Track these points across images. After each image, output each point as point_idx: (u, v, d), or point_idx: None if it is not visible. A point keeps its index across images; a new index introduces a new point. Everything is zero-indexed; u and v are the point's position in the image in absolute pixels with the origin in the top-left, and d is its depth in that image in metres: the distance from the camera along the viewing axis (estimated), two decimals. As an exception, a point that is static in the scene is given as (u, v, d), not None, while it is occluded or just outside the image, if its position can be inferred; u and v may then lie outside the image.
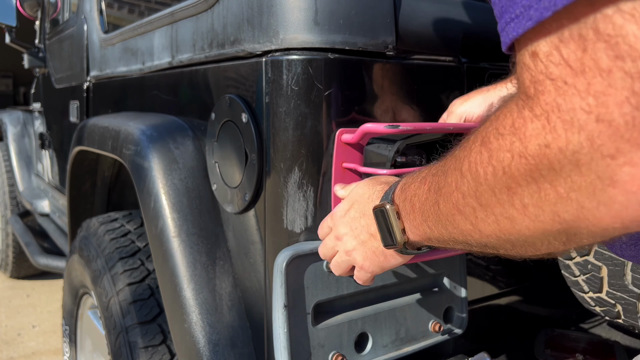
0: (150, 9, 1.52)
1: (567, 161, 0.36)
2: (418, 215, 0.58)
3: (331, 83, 0.85)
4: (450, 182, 0.49)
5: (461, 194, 0.47)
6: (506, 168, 0.41)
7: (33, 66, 2.94)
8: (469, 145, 0.47)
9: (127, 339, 1.23)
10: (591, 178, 0.35)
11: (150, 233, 1.13)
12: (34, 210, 3.07)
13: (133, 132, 1.26)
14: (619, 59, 0.32)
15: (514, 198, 0.41)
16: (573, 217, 0.38)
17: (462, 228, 0.49)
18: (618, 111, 0.33)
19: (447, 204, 0.50)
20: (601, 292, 1.08)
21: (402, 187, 0.62)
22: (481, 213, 0.46)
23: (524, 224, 0.42)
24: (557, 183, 0.38)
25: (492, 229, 0.45)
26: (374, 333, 0.93)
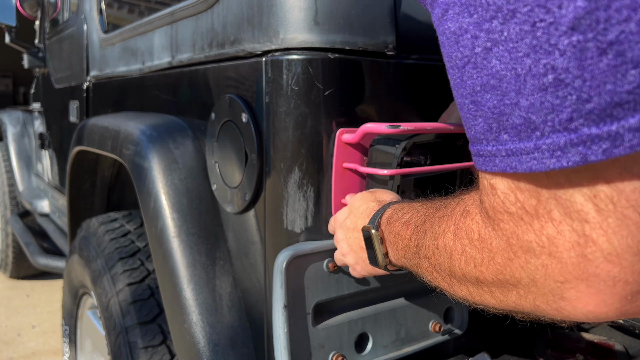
0: (150, 8, 1.51)
1: (526, 276, 0.41)
2: (400, 252, 0.63)
3: (331, 83, 0.85)
4: (427, 247, 0.54)
5: (438, 264, 0.53)
6: (477, 265, 0.46)
7: (33, 66, 2.94)
8: (444, 223, 0.51)
9: (127, 339, 1.23)
10: (545, 291, 0.40)
11: (150, 233, 1.13)
12: (33, 210, 3.07)
13: (133, 132, 1.26)
14: (567, 216, 0.37)
15: (482, 286, 0.47)
16: (531, 310, 0.44)
17: (438, 283, 0.55)
18: (566, 254, 0.37)
19: (426, 262, 0.56)
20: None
21: (388, 220, 0.67)
22: (456, 283, 0.51)
23: (491, 302, 0.48)
24: (519, 287, 0.43)
25: (464, 294, 0.51)
26: (374, 333, 0.93)
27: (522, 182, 0.39)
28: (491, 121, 0.39)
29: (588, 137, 0.34)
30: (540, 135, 0.36)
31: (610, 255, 0.36)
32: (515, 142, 0.38)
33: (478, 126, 0.40)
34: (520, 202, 0.39)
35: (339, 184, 0.87)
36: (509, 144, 0.38)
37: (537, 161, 0.36)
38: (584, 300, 0.38)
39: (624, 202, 0.35)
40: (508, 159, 0.38)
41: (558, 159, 0.35)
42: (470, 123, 0.41)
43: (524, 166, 0.37)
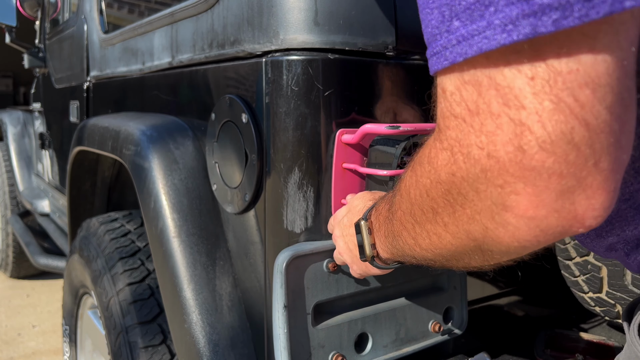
0: (151, 9, 1.52)
1: (470, 188, 0.42)
2: (382, 231, 0.65)
3: (331, 83, 0.85)
4: (396, 201, 0.57)
5: (402, 212, 0.55)
6: (428, 191, 0.48)
7: (33, 66, 2.94)
8: (407, 169, 0.54)
9: (127, 339, 1.23)
10: (488, 203, 0.41)
11: (150, 233, 1.13)
12: (34, 210, 3.07)
13: (133, 132, 1.26)
14: (505, 105, 0.38)
15: (437, 217, 0.48)
16: (481, 236, 0.44)
17: (408, 242, 0.57)
18: (503, 150, 0.38)
19: (396, 221, 0.58)
20: (601, 292, 1.08)
21: (377, 206, 0.68)
22: (417, 229, 0.53)
23: (447, 239, 0.49)
24: (465, 206, 0.44)
25: (427, 243, 0.53)
26: (374, 333, 0.93)
27: (466, 74, 0.40)
28: (444, 9, 0.40)
29: (540, 7, 0.35)
30: (494, 11, 0.37)
31: (544, 143, 0.37)
32: (467, 26, 0.39)
33: (433, 20, 0.42)
34: (464, 100, 0.41)
35: (339, 184, 0.87)
36: (460, 30, 0.39)
37: (487, 40, 0.38)
38: (523, 204, 0.39)
39: (560, 84, 0.36)
40: (458, 47, 0.40)
41: (509, 33, 0.36)
42: (427, 20, 0.43)
43: (474, 48, 0.38)
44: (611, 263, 1.03)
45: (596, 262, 1.05)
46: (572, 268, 1.11)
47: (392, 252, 0.64)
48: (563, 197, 0.39)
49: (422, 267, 0.98)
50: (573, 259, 1.09)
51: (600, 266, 1.05)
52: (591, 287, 1.09)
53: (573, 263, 1.10)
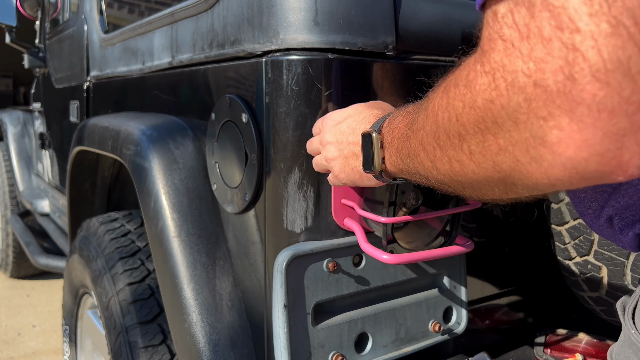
0: (150, 9, 1.52)
1: (508, 117, 0.40)
2: (395, 146, 0.62)
3: (331, 83, 0.85)
4: (419, 120, 0.54)
5: (425, 133, 0.52)
6: (459, 116, 0.45)
7: (33, 66, 2.94)
8: (437, 89, 0.51)
9: (127, 339, 1.23)
10: (526, 136, 0.39)
11: (150, 233, 1.13)
12: (34, 210, 3.07)
13: (133, 132, 1.26)
14: (558, 29, 0.35)
15: (463, 144, 0.46)
16: (509, 169, 0.42)
17: (424, 164, 0.54)
18: (552, 78, 0.36)
19: (415, 140, 0.55)
20: (601, 292, 1.08)
21: (391, 119, 0.65)
22: (439, 153, 0.50)
23: (470, 168, 0.46)
24: (499, 136, 0.41)
25: (446, 168, 0.50)
26: (374, 333, 0.93)
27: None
28: None
29: None
30: None
31: (598, 71, 0.34)
32: None
33: None
34: (515, 22, 0.38)
35: None
36: None
37: None
38: (565, 142, 0.37)
39: (619, 4, 0.33)
40: None
41: None
42: None
43: None
44: (611, 263, 1.03)
45: (596, 262, 1.05)
46: (572, 268, 1.11)
47: (402, 168, 0.61)
48: (610, 138, 0.35)
49: (422, 267, 0.98)
50: (573, 258, 1.09)
51: (600, 266, 1.05)
52: (591, 287, 1.09)
53: (573, 263, 1.10)
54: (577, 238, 1.06)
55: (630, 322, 0.58)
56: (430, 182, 0.57)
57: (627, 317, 0.59)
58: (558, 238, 1.11)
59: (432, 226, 0.91)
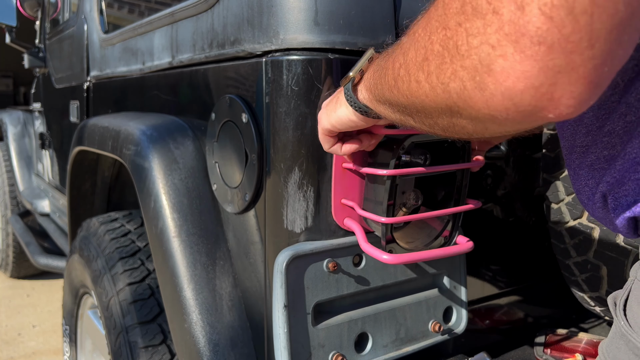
0: (151, 9, 1.52)
1: (466, 42, 0.42)
2: (377, 65, 0.64)
3: (331, 83, 0.85)
4: (402, 40, 0.56)
5: (400, 49, 0.55)
6: (431, 34, 0.47)
7: (33, 66, 2.95)
8: (424, 12, 0.53)
9: (127, 339, 1.23)
10: (475, 62, 0.41)
11: (150, 233, 1.13)
12: (34, 210, 3.07)
13: (133, 132, 1.26)
14: None
15: (425, 63, 0.48)
16: (456, 95, 0.45)
17: (389, 82, 0.57)
18: (507, 7, 0.38)
19: (390, 57, 0.58)
20: (600, 291, 1.08)
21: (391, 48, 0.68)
22: (403, 70, 0.53)
23: (424, 89, 0.49)
24: (455, 60, 0.44)
25: (405, 87, 0.53)
26: (374, 333, 0.93)
27: None
28: None
29: None
30: None
31: (545, 5, 0.36)
32: None
33: None
34: None
35: (339, 184, 0.87)
36: None
37: None
38: (506, 71, 0.39)
39: None
40: None
41: None
42: None
43: None
44: (611, 262, 1.03)
45: (596, 261, 1.05)
46: (572, 268, 1.11)
47: (372, 89, 0.64)
48: (546, 73, 0.38)
49: (422, 267, 0.98)
50: (573, 258, 1.09)
51: (600, 266, 1.05)
52: (591, 287, 1.10)
53: (573, 262, 1.10)
54: (577, 238, 1.07)
55: (621, 314, 0.59)
56: (391, 106, 0.59)
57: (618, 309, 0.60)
58: (558, 238, 1.11)
59: (432, 226, 0.91)
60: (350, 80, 0.68)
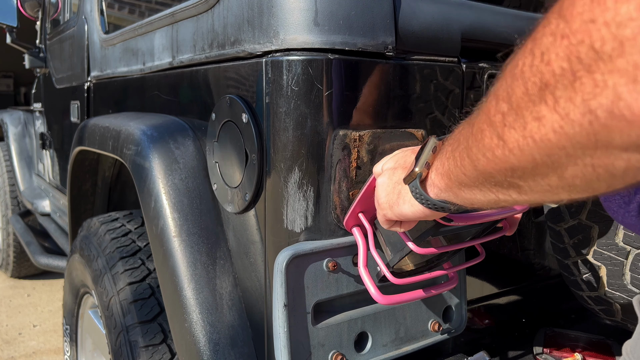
0: (151, 9, 1.52)
1: (611, 37, 0.32)
2: (453, 146, 0.53)
3: (331, 83, 0.85)
4: (489, 98, 0.45)
5: (495, 99, 0.43)
6: (545, 53, 0.37)
7: (34, 66, 2.95)
8: (512, 59, 0.43)
9: (127, 338, 1.23)
10: (635, 58, 0.31)
11: (150, 233, 1.13)
12: (34, 209, 3.07)
13: (134, 132, 1.27)
14: None
15: (545, 92, 0.37)
16: (607, 112, 0.33)
17: (486, 143, 0.44)
18: None
19: (479, 118, 0.46)
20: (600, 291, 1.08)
21: (464, 122, 0.57)
22: (510, 117, 0.41)
23: (552, 123, 0.37)
24: (595, 68, 0.33)
25: (518, 136, 0.40)
26: (374, 332, 0.93)
27: None
28: None
29: None
30: None
31: None
32: None
33: None
34: None
35: (365, 198, 0.82)
36: None
37: None
38: None
39: None
40: None
41: None
42: None
43: None
44: (610, 262, 1.03)
45: (595, 261, 1.06)
46: (572, 268, 1.11)
47: (450, 174, 0.53)
48: None
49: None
50: (572, 258, 1.10)
51: (599, 266, 1.05)
52: (590, 287, 1.10)
53: (572, 262, 1.10)
54: (576, 237, 1.07)
55: None
56: (484, 184, 0.48)
57: None
58: (557, 238, 1.11)
59: None
60: (416, 176, 0.59)
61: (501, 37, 1.09)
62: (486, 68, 1.07)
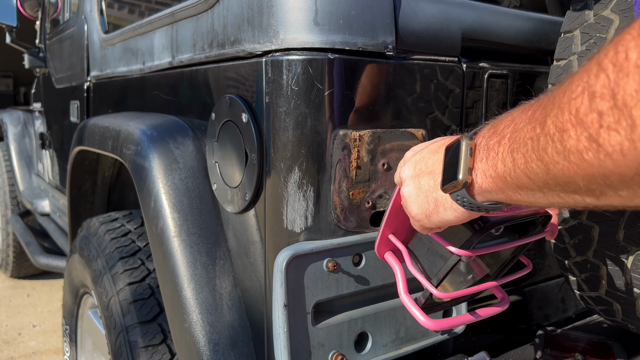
0: (151, 9, 1.52)
1: None
2: (505, 146, 0.47)
3: (331, 83, 0.85)
4: (574, 94, 0.38)
5: (588, 96, 0.37)
6: None
7: (33, 66, 2.95)
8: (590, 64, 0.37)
9: (127, 339, 1.23)
10: None
11: (150, 233, 1.13)
12: (34, 210, 3.07)
13: (133, 132, 1.26)
14: None
15: (617, 103, 0.33)
16: None
17: (571, 145, 0.38)
18: None
19: (556, 116, 0.40)
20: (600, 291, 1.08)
21: (493, 124, 0.53)
22: (611, 117, 0.35)
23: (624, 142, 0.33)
24: None
25: (622, 139, 0.35)
26: (374, 332, 0.93)
27: None
28: None
29: None
30: None
31: None
32: None
33: None
34: None
35: (393, 218, 0.77)
36: None
37: None
38: None
39: None
40: None
41: None
42: None
43: None
44: (611, 262, 1.03)
45: (596, 261, 1.05)
46: (572, 268, 1.11)
47: (508, 175, 0.47)
48: None
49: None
50: (572, 258, 1.09)
51: (599, 265, 1.05)
52: (590, 287, 1.10)
53: (572, 262, 1.10)
54: (577, 237, 1.07)
55: None
56: (549, 183, 0.42)
57: None
58: (557, 238, 1.11)
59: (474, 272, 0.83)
60: (462, 185, 0.54)
61: (502, 37, 1.09)
62: (486, 68, 1.07)
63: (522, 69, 1.14)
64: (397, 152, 0.93)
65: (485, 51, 1.08)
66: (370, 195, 0.91)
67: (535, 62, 1.17)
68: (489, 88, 1.07)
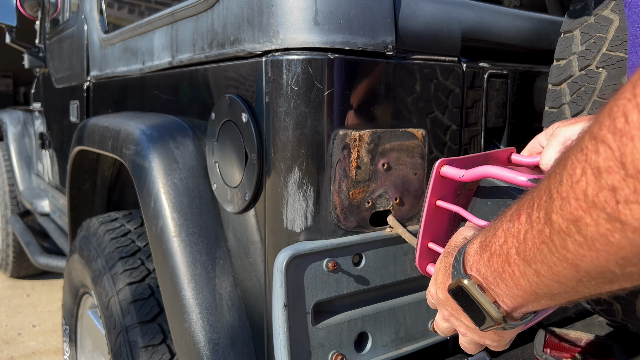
0: (151, 8, 1.52)
1: None
2: (518, 265, 0.44)
3: (331, 83, 0.85)
4: (573, 171, 0.36)
5: (594, 174, 0.34)
6: None
7: (33, 66, 2.95)
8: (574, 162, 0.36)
9: (127, 339, 1.23)
10: None
11: (150, 233, 1.13)
12: (34, 209, 3.07)
13: (133, 132, 1.26)
14: None
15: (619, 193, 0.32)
16: None
17: (590, 233, 0.36)
18: None
19: (563, 208, 0.37)
20: (600, 291, 1.08)
21: (480, 246, 0.50)
22: (627, 189, 0.33)
23: None
24: None
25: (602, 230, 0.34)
26: (374, 332, 0.93)
27: None
28: None
29: None
30: None
31: None
32: None
33: None
34: None
35: (430, 224, 0.71)
36: None
37: None
38: None
39: None
40: None
41: None
42: None
43: None
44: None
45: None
46: (572, 267, 1.11)
47: (537, 288, 0.44)
48: None
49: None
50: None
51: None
52: (591, 287, 1.09)
53: (573, 262, 1.10)
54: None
55: None
56: (581, 276, 0.39)
57: None
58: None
59: None
60: (502, 320, 0.51)
61: (502, 37, 1.09)
62: (486, 68, 1.07)
63: (522, 69, 1.14)
64: (397, 152, 0.93)
65: (485, 51, 1.08)
66: (370, 195, 0.91)
67: (535, 62, 1.18)
68: (489, 88, 1.07)
